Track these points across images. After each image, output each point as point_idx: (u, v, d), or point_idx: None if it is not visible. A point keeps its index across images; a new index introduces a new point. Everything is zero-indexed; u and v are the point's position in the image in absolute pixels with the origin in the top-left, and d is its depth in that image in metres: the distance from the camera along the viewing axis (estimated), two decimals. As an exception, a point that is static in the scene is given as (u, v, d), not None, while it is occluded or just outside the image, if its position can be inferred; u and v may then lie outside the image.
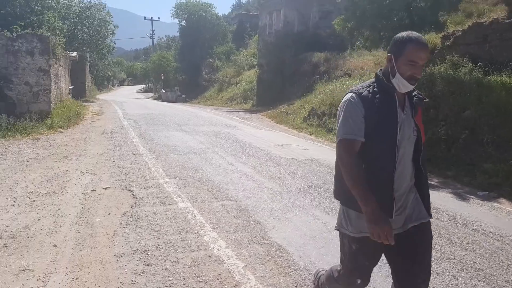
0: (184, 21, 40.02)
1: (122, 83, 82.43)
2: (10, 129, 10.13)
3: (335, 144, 2.00)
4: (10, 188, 5.51)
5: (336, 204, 5.21)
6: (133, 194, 5.41)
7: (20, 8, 20.95)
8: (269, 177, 6.68)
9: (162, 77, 43.59)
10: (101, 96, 37.18)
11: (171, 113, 18.17)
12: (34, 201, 4.99)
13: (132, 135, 10.83)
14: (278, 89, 21.32)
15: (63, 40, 19.43)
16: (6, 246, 3.66)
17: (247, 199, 5.39)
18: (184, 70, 40.31)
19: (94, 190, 5.54)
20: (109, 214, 4.63)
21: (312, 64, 19.86)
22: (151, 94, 48.59)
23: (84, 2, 28.89)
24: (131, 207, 4.90)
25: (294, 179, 6.53)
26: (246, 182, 6.27)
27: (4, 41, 11.49)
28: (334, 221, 4.70)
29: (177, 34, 46.67)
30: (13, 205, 4.81)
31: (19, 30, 12.68)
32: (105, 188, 5.65)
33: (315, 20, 23.12)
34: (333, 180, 2.22)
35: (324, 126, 12.95)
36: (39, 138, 9.72)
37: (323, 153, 9.26)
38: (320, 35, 22.19)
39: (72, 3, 28.10)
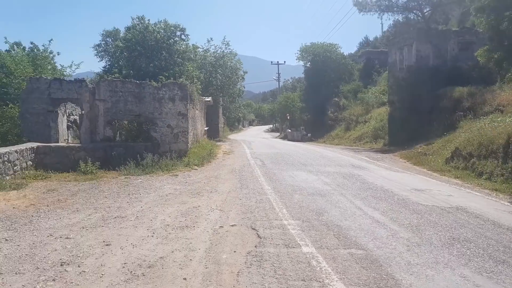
0: (309, 63, 41.52)
1: (251, 123, 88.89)
2: (154, 166, 11.70)
3: (487, 191, 1.65)
4: (151, 220, 6.23)
5: (492, 264, 4.41)
6: (257, 234, 5.54)
7: (165, 61, 24.83)
8: (405, 225, 6.09)
9: (288, 117, 45.37)
10: (232, 136, 40.49)
11: (296, 153, 18.53)
12: (169, 233, 5.52)
13: (258, 174, 11.32)
14: (412, 127, 19.92)
15: (200, 87, 22.09)
16: (144, 275, 4.07)
17: (378, 249, 4.97)
18: (309, 109, 41.24)
19: (222, 227, 5.86)
20: (234, 252, 4.80)
21: (453, 100, 18.08)
22: (278, 134, 50.84)
23: (218, 52, 32.67)
24: (255, 246, 5.00)
25: (435, 230, 5.80)
26: (377, 230, 5.83)
27: (152, 90, 13.58)
28: (489, 284, 3.98)
29: (302, 75, 48.51)
30: (153, 236, 5.40)
31: (163, 80, 14.86)
32: (232, 226, 5.93)
33: (454, 52, 21.30)
34: (486, 234, 1.84)
35: (472, 169, 11.43)
36: (177, 175, 10.93)
37: (472, 200, 8.09)
38: (461, 68, 20.25)
39: (208, 53, 32.11)
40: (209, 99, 25.97)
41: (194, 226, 5.89)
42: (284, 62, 58.02)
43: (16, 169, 9.88)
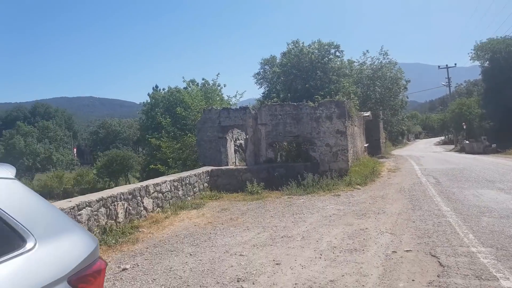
0: (487, 62, 36.38)
1: (417, 136, 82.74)
2: (315, 185, 11.88)
3: None
4: (317, 241, 6.27)
5: None
6: (439, 261, 4.96)
7: (320, 80, 25.37)
8: None
9: (464, 127, 40.39)
10: (396, 151, 38.21)
11: (478, 167, 16.22)
12: (337, 256, 5.43)
13: (432, 193, 10.29)
14: None
15: (357, 102, 21.72)
16: (315, 297, 4.07)
17: None
18: (491, 116, 35.87)
19: (395, 252, 5.46)
20: (413, 280, 4.39)
21: None
22: (452, 146, 45.78)
23: (375, 64, 31.61)
24: (437, 276, 4.48)
25: None
26: None
27: (308, 110, 13.97)
28: None
29: (479, 77, 42.79)
30: (320, 257, 5.40)
31: (319, 99, 15.12)
32: (407, 251, 5.47)
33: None
34: None
35: None
36: (339, 195, 10.83)
37: None
38: None
39: (364, 67, 31.39)
40: (367, 114, 25.26)
41: (363, 250, 5.66)
42: (455, 64, 52.29)
43: (195, 190, 11.42)
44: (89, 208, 6.57)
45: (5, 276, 1.48)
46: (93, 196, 6.95)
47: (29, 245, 1.63)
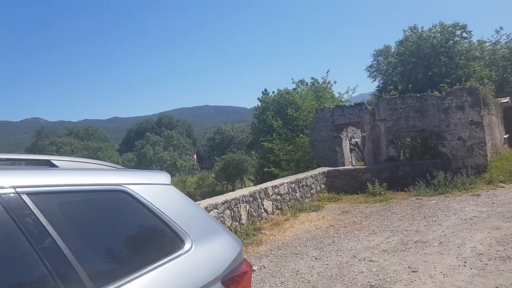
0: None
1: None
2: (448, 185, 10.80)
3: None
4: (458, 247, 5.64)
5: None
6: None
7: (445, 66, 23.17)
8: None
9: None
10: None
11: None
12: (486, 264, 4.81)
13: None
14: None
15: (492, 87, 19.27)
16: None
17: None
18: None
19: None
20: None
21: None
22: None
23: (511, 42, 27.74)
24: None
25: None
26: None
27: (434, 101, 12.78)
28: None
29: None
30: (465, 266, 4.84)
31: (446, 88, 13.74)
32: None
33: None
34: None
35: None
36: (479, 194, 9.66)
37: None
38: None
39: (498, 46, 27.77)
40: (506, 100, 22.24)
41: (519, 258, 4.91)
42: None
43: (312, 192, 11.34)
44: (216, 210, 6.96)
45: (171, 274, 1.59)
46: (218, 199, 7.36)
47: (187, 246, 1.72)
